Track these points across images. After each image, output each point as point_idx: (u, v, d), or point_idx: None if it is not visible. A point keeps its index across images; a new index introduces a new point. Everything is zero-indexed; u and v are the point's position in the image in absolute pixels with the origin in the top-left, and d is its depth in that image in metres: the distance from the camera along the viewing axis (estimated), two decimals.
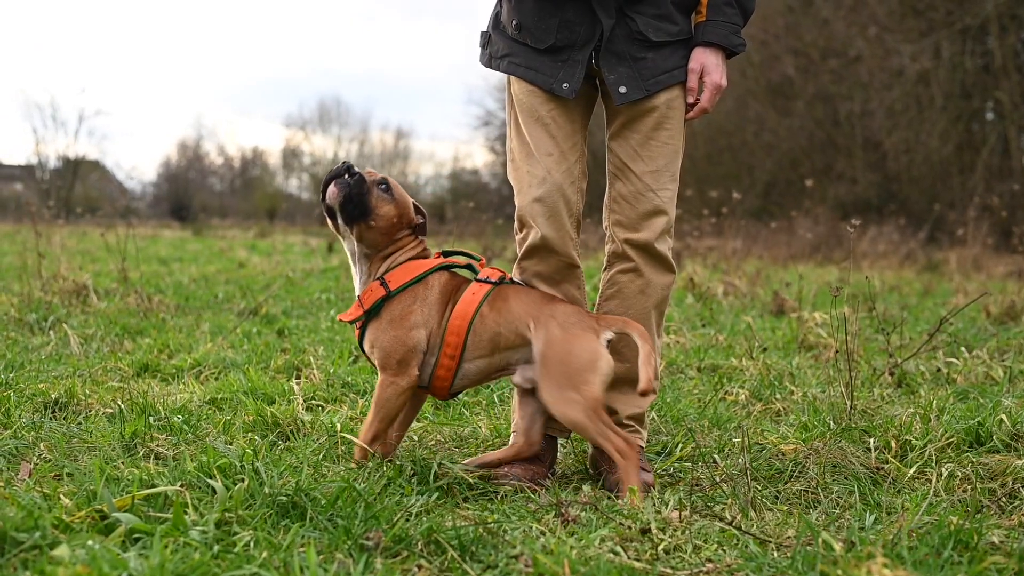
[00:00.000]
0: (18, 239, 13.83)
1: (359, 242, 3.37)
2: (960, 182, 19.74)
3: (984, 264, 13.33)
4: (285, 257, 14.49)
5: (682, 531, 2.66)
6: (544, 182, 3.29)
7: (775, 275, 11.41)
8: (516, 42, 3.35)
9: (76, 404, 4.06)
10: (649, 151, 3.35)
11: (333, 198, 3.32)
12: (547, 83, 3.31)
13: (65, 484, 2.88)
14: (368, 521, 2.56)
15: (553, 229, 3.30)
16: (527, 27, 3.31)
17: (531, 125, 3.34)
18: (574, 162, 3.34)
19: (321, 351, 5.59)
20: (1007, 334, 6.69)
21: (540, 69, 3.32)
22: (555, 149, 3.32)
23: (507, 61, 3.39)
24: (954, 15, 19.64)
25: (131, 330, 6.23)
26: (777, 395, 4.61)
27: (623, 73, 3.29)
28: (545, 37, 3.29)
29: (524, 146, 3.36)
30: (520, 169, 3.36)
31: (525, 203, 3.33)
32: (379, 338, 3.27)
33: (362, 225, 3.33)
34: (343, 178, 3.33)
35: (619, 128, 3.40)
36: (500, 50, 3.41)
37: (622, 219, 3.38)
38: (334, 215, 3.35)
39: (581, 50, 3.28)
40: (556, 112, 3.33)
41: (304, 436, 3.70)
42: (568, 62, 3.29)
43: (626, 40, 3.28)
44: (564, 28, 3.27)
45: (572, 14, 3.26)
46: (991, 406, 3.94)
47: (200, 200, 48.58)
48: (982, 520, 2.70)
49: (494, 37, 3.44)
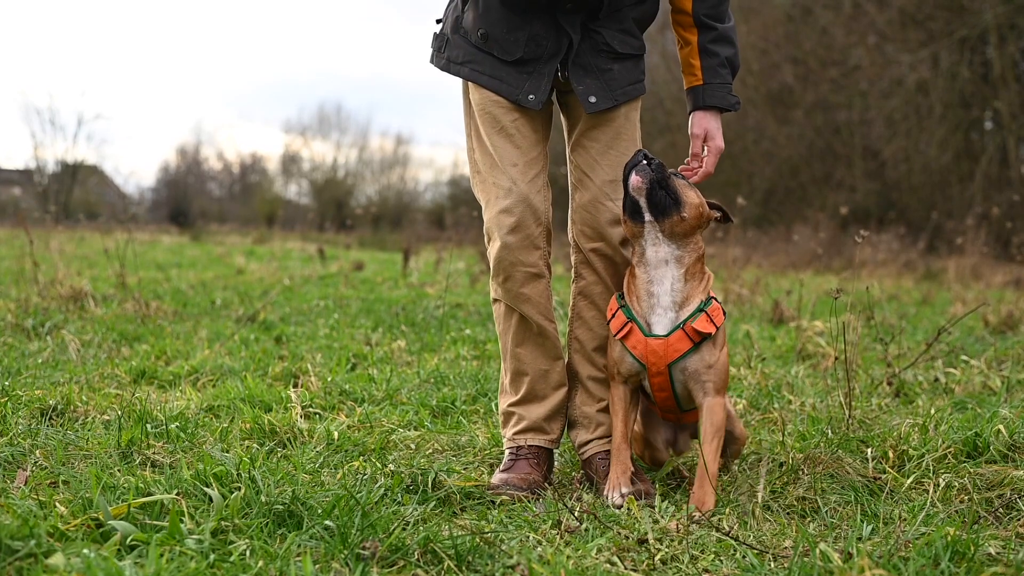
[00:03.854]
0: (16, 244, 13.83)
1: (670, 240, 3.11)
2: (959, 191, 19.76)
3: (983, 273, 13.33)
4: (283, 263, 14.49)
5: (679, 541, 2.66)
6: (510, 193, 3.27)
7: (775, 283, 11.42)
8: (480, 50, 3.33)
9: (73, 411, 4.05)
10: (608, 160, 3.36)
11: (638, 188, 3.07)
12: (512, 94, 3.30)
13: (61, 492, 2.87)
14: (365, 530, 2.56)
15: (520, 239, 3.27)
16: (495, 38, 3.29)
17: (494, 136, 3.32)
18: (538, 172, 3.33)
19: (319, 358, 5.58)
20: (1005, 343, 6.69)
21: (505, 79, 3.30)
22: (520, 159, 3.30)
23: (469, 68, 3.36)
24: (953, 25, 19.67)
25: (129, 336, 6.23)
26: (775, 404, 4.61)
27: (591, 84, 3.30)
28: (513, 50, 3.28)
29: (487, 157, 3.34)
30: (486, 181, 3.34)
31: (492, 215, 3.30)
32: (718, 359, 3.11)
33: (675, 218, 3.08)
34: (642, 164, 3.10)
35: (579, 138, 3.41)
36: (461, 55, 3.37)
37: (584, 229, 3.39)
38: (639, 211, 3.10)
39: (548, 63, 3.28)
40: (520, 122, 3.32)
41: (302, 444, 3.69)
42: (534, 74, 3.29)
43: (593, 52, 3.30)
44: (532, 42, 3.26)
45: (539, 28, 3.26)
46: (989, 416, 3.94)
47: (199, 205, 48.59)
48: (979, 531, 2.70)
49: (454, 40, 3.40)
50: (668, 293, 3.13)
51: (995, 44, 19.41)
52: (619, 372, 3.23)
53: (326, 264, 14.58)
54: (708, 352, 3.12)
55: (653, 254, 3.13)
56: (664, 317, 3.13)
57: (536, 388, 3.41)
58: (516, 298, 3.33)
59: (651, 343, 3.12)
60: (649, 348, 3.13)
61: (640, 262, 3.16)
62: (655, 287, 3.13)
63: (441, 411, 4.42)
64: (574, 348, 3.47)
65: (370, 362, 5.56)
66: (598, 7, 3.25)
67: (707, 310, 3.12)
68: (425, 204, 44.38)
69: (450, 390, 4.77)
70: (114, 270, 8.67)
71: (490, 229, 3.32)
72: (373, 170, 50.08)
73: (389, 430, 3.98)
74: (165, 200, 50.11)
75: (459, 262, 12.81)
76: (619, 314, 3.21)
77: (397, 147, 50.45)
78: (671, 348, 3.11)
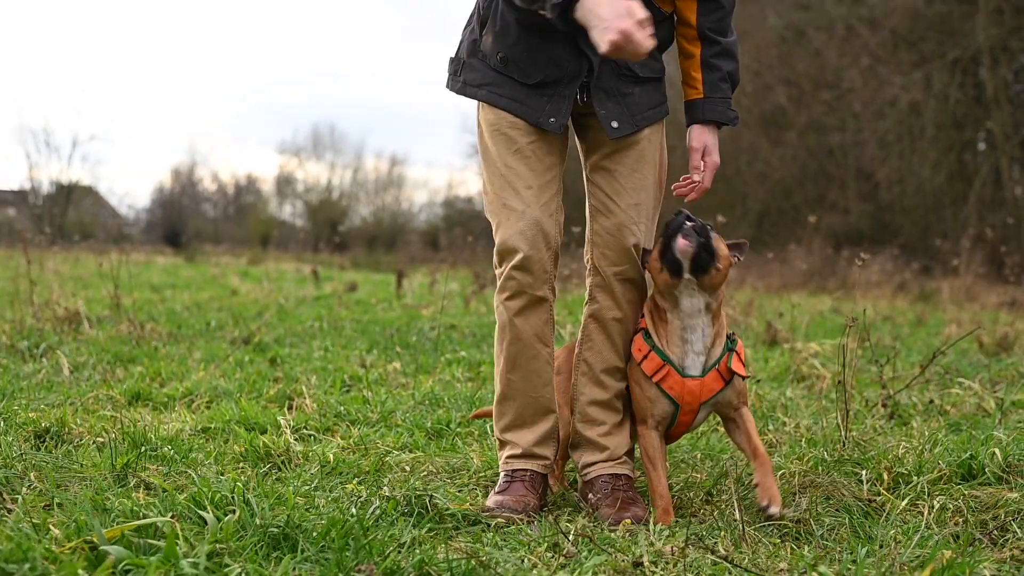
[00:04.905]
0: (11, 264, 13.81)
1: (704, 292, 3.18)
2: (952, 212, 19.81)
3: (977, 294, 13.36)
4: (278, 284, 14.48)
5: (674, 564, 2.65)
6: (523, 215, 3.27)
7: (768, 304, 11.43)
8: (500, 74, 3.33)
9: (67, 433, 4.04)
10: (633, 184, 3.36)
11: (684, 252, 3.11)
12: (533, 116, 3.30)
13: (55, 515, 2.86)
14: (360, 553, 2.55)
15: (528, 262, 3.26)
16: (514, 61, 3.30)
17: (509, 157, 3.32)
18: (552, 196, 3.33)
19: (314, 380, 5.58)
20: (1000, 365, 6.70)
21: (525, 102, 3.30)
22: (534, 182, 3.30)
23: (487, 90, 3.35)
24: (945, 47, 19.77)
25: (123, 358, 6.22)
26: (770, 426, 4.61)
27: (613, 109, 3.30)
28: (533, 73, 3.28)
29: (499, 178, 3.33)
30: (497, 202, 3.33)
31: (503, 236, 3.30)
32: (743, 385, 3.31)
33: (713, 271, 3.16)
34: (688, 228, 3.13)
35: (601, 161, 3.40)
36: (478, 79, 3.37)
37: (607, 252, 3.37)
38: (680, 269, 3.14)
39: (568, 86, 3.28)
40: (536, 145, 3.32)
41: (296, 467, 3.69)
42: (555, 97, 3.29)
43: (613, 76, 3.31)
44: (552, 64, 3.26)
45: (560, 51, 3.26)
46: (983, 438, 3.94)
47: (194, 226, 48.56)
48: (974, 553, 2.70)
49: (470, 64, 3.40)
50: (700, 339, 3.24)
51: (988, 65, 19.50)
52: (652, 415, 3.28)
53: (320, 285, 14.57)
54: (737, 381, 3.27)
55: (689, 305, 3.22)
56: (697, 359, 3.24)
57: (524, 414, 3.39)
58: (515, 318, 3.33)
59: (688, 384, 3.22)
60: (687, 389, 3.22)
61: (674, 311, 3.24)
62: (689, 334, 3.24)
63: (436, 433, 4.41)
64: (581, 370, 3.45)
65: (365, 384, 5.55)
66: None
67: (735, 349, 3.27)
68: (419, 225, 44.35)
69: (445, 412, 4.77)
70: (109, 291, 8.66)
71: (499, 250, 3.32)
72: (368, 191, 50.14)
73: (384, 452, 3.98)
74: (160, 221, 50.05)
75: (453, 283, 12.82)
76: (652, 356, 3.26)
77: (392, 168, 50.47)
78: (706, 388, 3.23)
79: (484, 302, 10.90)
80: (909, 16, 20.23)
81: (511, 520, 3.12)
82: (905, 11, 20.19)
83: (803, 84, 22.30)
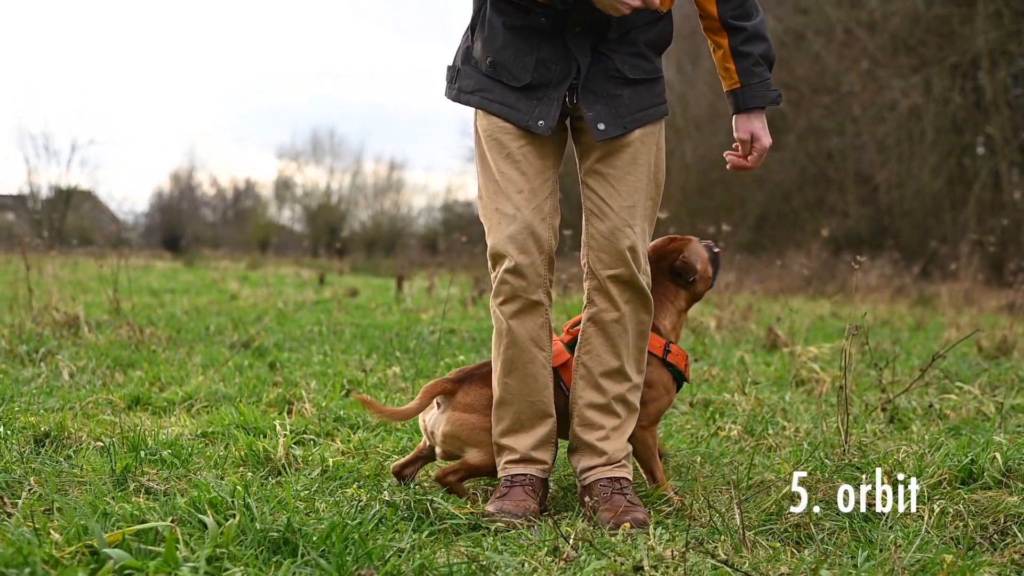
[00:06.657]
0: (10, 269, 13.81)
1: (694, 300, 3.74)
2: (952, 216, 19.82)
3: (976, 298, 13.35)
4: (277, 289, 14.48)
5: (675, 568, 2.66)
6: (514, 220, 3.28)
7: (768, 308, 11.43)
8: (489, 78, 3.35)
9: (67, 437, 4.04)
10: (626, 186, 3.36)
11: (705, 267, 3.70)
12: (522, 120, 3.30)
13: (55, 519, 2.86)
14: (360, 558, 2.55)
15: (521, 267, 3.27)
16: (503, 64, 3.31)
17: (500, 161, 3.33)
18: (545, 199, 3.33)
19: (313, 384, 5.58)
20: (999, 369, 6.70)
21: (514, 106, 3.31)
22: (525, 186, 3.31)
23: (479, 96, 3.37)
24: (945, 51, 19.79)
25: (123, 362, 6.22)
26: (770, 430, 4.61)
27: (600, 110, 3.30)
28: (521, 75, 3.29)
29: (493, 183, 3.34)
30: (490, 207, 3.35)
31: (495, 241, 3.31)
32: None
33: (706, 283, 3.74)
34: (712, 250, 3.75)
35: (595, 164, 3.40)
36: (471, 85, 3.39)
37: (602, 256, 3.37)
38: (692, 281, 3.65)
39: (557, 88, 3.29)
40: (527, 148, 3.33)
41: (296, 471, 3.69)
42: (544, 100, 3.30)
43: (603, 78, 3.31)
44: (540, 67, 3.27)
45: (548, 52, 3.27)
46: (983, 442, 3.94)
47: (193, 231, 48.53)
48: (975, 557, 2.70)
49: (464, 71, 3.42)
50: None
51: (987, 69, 19.51)
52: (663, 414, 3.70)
53: (321, 289, 14.57)
54: None
55: None
56: None
57: (522, 418, 3.39)
58: (511, 322, 3.33)
59: None
60: None
61: None
62: None
63: None
64: (580, 374, 3.44)
65: (364, 388, 5.55)
66: (606, 29, 3.26)
67: None
68: (418, 229, 44.33)
69: None
70: (108, 295, 8.66)
71: (492, 255, 3.33)
72: (366, 195, 50.08)
73: (384, 456, 3.98)
74: (159, 225, 50.02)
75: (452, 287, 12.82)
76: None
77: (391, 172, 50.40)
78: None
79: (483, 307, 10.90)
80: (908, 20, 20.24)
81: (511, 525, 3.12)
82: (904, 15, 20.20)
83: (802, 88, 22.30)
